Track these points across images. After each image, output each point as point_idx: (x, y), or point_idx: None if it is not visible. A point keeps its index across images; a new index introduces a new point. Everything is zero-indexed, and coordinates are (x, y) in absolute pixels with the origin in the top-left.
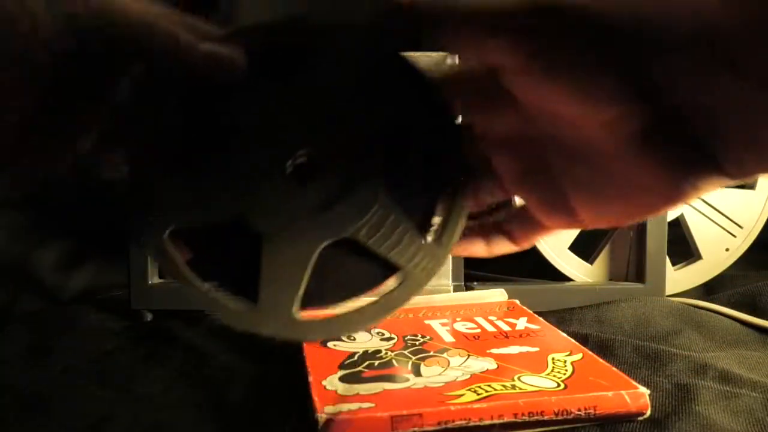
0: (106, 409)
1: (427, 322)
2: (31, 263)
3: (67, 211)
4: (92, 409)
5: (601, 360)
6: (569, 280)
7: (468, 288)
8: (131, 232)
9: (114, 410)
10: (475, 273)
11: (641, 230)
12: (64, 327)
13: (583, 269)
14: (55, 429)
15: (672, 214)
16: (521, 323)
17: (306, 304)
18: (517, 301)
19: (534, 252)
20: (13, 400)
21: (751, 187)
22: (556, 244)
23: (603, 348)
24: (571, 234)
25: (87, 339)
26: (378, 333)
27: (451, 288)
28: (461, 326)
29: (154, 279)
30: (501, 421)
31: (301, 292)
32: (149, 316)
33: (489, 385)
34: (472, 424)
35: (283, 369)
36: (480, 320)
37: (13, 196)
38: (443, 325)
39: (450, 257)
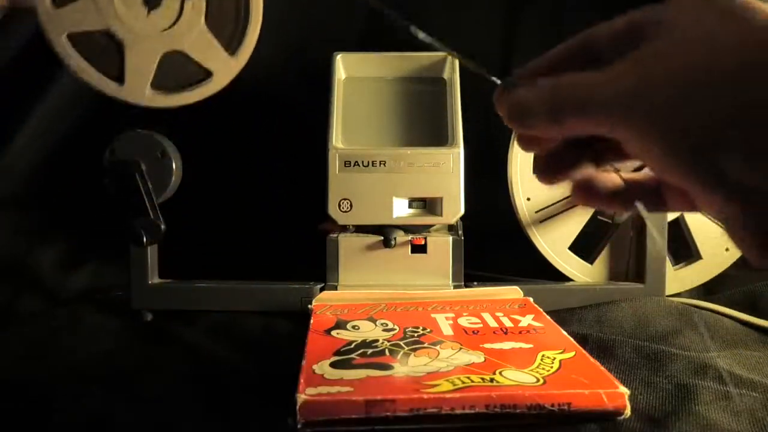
0: (106, 409)
1: (433, 315)
2: (31, 263)
3: (67, 211)
4: (92, 409)
5: (592, 359)
6: (569, 280)
7: (468, 288)
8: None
9: (114, 410)
10: (475, 273)
11: (641, 230)
12: (64, 327)
13: (583, 269)
14: (55, 429)
15: (672, 214)
16: (525, 321)
17: (155, 86)
18: (531, 299)
19: (534, 252)
20: (13, 401)
21: None
22: (556, 244)
23: (603, 348)
24: (571, 234)
25: (87, 339)
26: (382, 324)
27: (451, 288)
28: (465, 321)
29: (154, 279)
30: (473, 411)
31: (151, 78)
32: (149, 316)
33: (468, 377)
34: (443, 412)
35: (285, 368)
36: (486, 316)
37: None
38: (447, 319)
39: (450, 257)
